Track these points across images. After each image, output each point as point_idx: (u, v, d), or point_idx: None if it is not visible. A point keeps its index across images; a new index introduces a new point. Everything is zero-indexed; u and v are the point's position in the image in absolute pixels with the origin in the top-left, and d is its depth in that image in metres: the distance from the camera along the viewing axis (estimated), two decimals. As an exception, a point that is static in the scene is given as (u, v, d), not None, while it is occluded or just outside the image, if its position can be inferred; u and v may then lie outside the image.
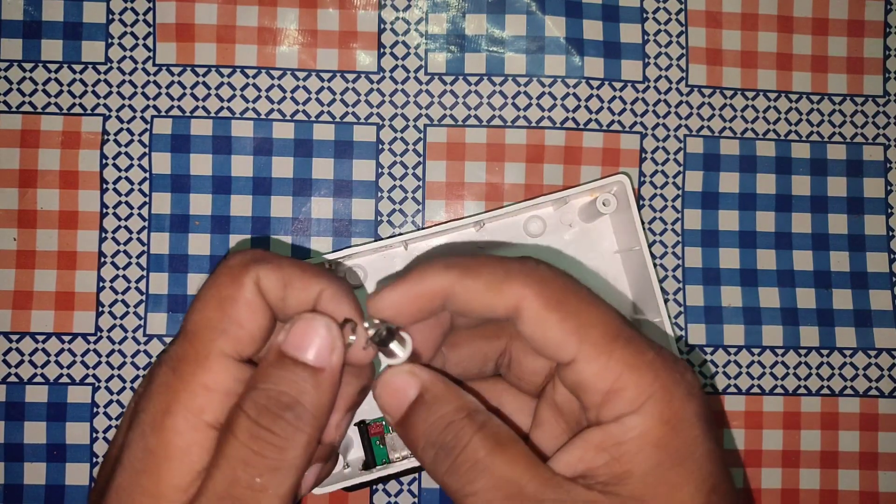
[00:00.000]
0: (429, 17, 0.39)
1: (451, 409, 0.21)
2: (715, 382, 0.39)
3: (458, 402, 0.21)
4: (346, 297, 0.22)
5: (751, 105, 0.40)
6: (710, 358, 0.39)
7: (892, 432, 0.39)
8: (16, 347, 0.37)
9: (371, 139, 0.39)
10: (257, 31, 0.39)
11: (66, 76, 0.38)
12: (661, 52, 0.40)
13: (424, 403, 0.22)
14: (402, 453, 0.35)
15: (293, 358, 0.20)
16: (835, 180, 0.40)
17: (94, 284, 0.38)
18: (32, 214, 0.38)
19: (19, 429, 0.37)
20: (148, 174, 0.38)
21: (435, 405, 0.22)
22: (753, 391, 0.39)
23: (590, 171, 0.39)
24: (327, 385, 0.21)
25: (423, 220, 0.39)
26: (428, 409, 0.22)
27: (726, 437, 0.39)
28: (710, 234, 0.40)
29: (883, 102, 0.41)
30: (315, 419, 0.20)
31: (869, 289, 0.40)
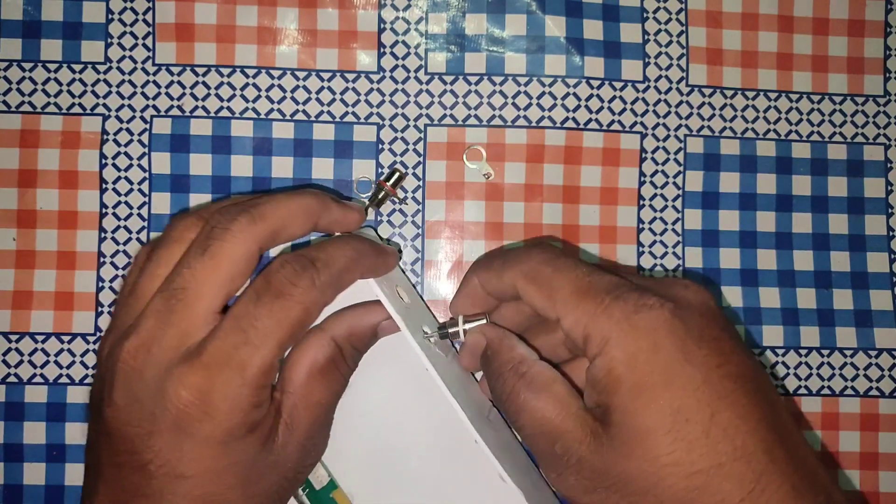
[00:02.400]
0: (429, 16, 0.39)
1: (503, 360, 0.28)
2: (715, 382, 0.39)
3: (509, 356, 0.28)
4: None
5: (751, 105, 0.40)
6: (711, 358, 0.39)
7: (892, 432, 0.39)
8: (15, 347, 0.37)
9: (371, 139, 0.39)
10: (257, 30, 0.39)
11: (66, 76, 0.38)
12: (661, 52, 0.40)
13: (486, 357, 0.29)
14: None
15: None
16: (835, 180, 0.40)
17: (94, 284, 0.38)
18: (32, 214, 0.38)
19: (19, 429, 0.37)
20: (147, 174, 0.38)
21: (493, 357, 0.28)
22: (754, 391, 0.39)
23: (590, 170, 0.39)
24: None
25: (423, 220, 0.39)
26: (489, 360, 0.28)
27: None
28: (711, 234, 0.40)
29: (883, 102, 0.41)
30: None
31: (869, 289, 0.40)
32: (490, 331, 0.30)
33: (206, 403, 0.24)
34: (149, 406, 0.25)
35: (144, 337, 0.25)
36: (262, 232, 0.26)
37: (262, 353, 0.25)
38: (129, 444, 0.25)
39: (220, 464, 0.25)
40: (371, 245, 0.29)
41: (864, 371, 0.39)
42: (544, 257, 0.27)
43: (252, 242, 0.26)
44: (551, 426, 0.25)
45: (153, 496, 0.25)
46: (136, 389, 0.25)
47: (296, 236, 0.28)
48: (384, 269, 0.30)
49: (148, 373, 0.25)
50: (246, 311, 0.25)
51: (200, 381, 0.24)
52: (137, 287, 0.27)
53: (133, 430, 0.25)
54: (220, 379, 0.24)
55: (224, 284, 0.26)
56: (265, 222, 0.26)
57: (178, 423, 0.24)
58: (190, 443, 0.25)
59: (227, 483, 0.25)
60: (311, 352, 0.28)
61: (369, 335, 0.30)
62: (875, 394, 0.39)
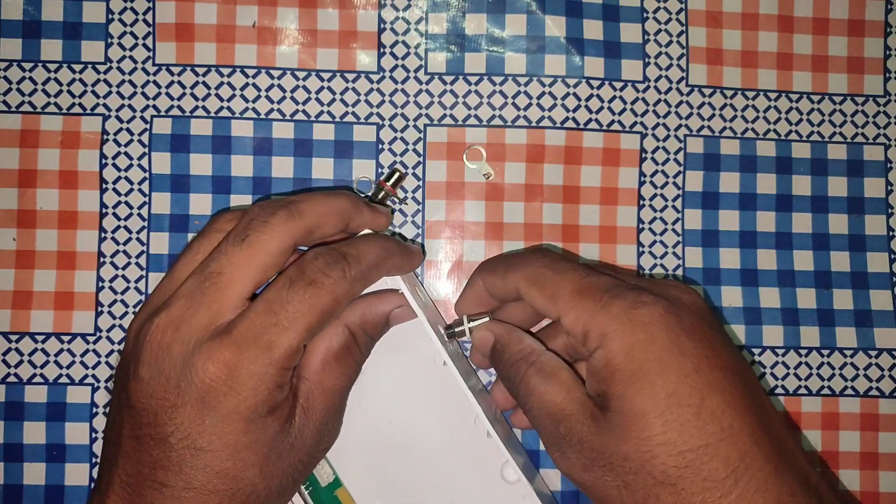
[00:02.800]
0: (429, 16, 0.39)
1: (513, 352, 0.30)
2: (715, 382, 0.39)
3: (518, 347, 0.30)
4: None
5: (751, 105, 0.40)
6: (711, 358, 0.39)
7: (892, 432, 0.39)
8: (15, 347, 0.37)
9: (371, 139, 0.39)
10: (257, 30, 0.39)
11: (66, 76, 0.38)
12: (661, 52, 0.40)
13: (496, 350, 0.31)
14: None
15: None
16: (835, 180, 0.40)
17: (94, 284, 0.38)
18: (32, 214, 0.38)
19: (19, 429, 0.37)
20: (147, 174, 0.38)
21: (503, 350, 0.31)
22: (754, 391, 0.39)
23: (590, 170, 0.39)
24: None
25: (423, 220, 0.39)
26: (499, 353, 0.31)
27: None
28: (711, 234, 0.40)
29: (883, 102, 0.41)
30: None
31: (869, 289, 0.40)
32: (497, 327, 0.32)
33: (232, 378, 0.25)
34: (174, 380, 0.26)
35: (175, 315, 0.26)
36: (298, 228, 0.28)
37: (291, 335, 0.26)
38: (152, 417, 0.26)
39: (241, 441, 0.26)
40: (398, 244, 0.31)
41: (864, 371, 0.39)
42: (545, 261, 0.30)
43: (288, 237, 0.27)
44: (557, 408, 0.28)
45: (172, 468, 0.26)
46: (162, 364, 0.26)
47: (328, 235, 0.30)
48: (409, 266, 0.32)
49: (176, 348, 0.26)
50: (278, 295, 0.27)
51: (229, 356, 0.25)
52: (174, 271, 0.29)
53: (157, 402, 0.26)
54: (247, 355, 0.25)
55: (257, 273, 0.27)
56: (302, 219, 0.28)
57: (203, 396, 0.25)
58: (213, 417, 0.25)
59: (246, 460, 0.26)
60: (327, 339, 0.29)
61: (382, 322, 0.31)
62: (875, 394, 0.39)
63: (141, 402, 0.26)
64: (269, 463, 0.27)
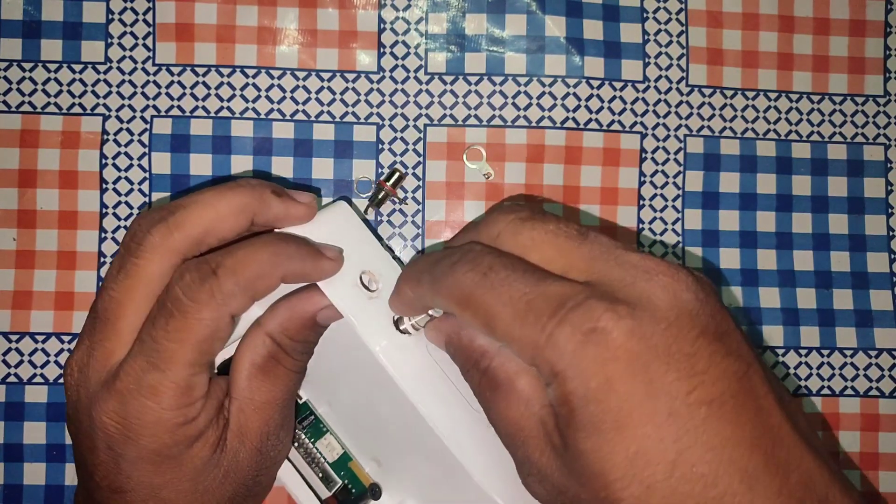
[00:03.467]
0: (429, 16, 0.39)
1: (464, 358, 0.25)
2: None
3: (468, 351, 0.24)
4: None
5: (751, 105, 0.40)
6: (711, 358, 0.39)
7: (892, 432, 0.39)
8: (15, 347, 0.37)
9: (371, 139, 0.39)
10: (257, 30, 0.39)
11: (66, 76, 0.38)
12: (661, 52, 0.40)
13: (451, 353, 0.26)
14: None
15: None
16: (835, 180, 0.40)
17: (94, 284, 0.38)
18: (32, 214, 0.38)
19: (19, 429, 0.37)
20: (148, 174, 0.38)
21: (454, 356, 0.25)
22: (754, 391, 0.39)
23: (590, 170, 0.39)
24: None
25: (423, 220, 0.39)
26: (452, 357, 0.25)
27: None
28: (711, 234, 0.40)
29: (883, 102, 0.41)
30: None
31: (869, 289, 0.40)
32: (445, 325, 0.26)
33: (126, 428, 0.24)
34: (86, 425, 0.25)
35: (78, 357, 0.25)
36: (181, 242, 0.24)
37: (171, 376, 0.24)
38: (81, 455, 0.26)
39: (155, 481, 0.25)
40: (300, 248, 0.25)
41: (864, 371, 0.39)
42: (474, 277, 0.23)
43: (170, 255, 0.24)
44: (513, 428, 0.23)
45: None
46: (77, 407, 0.25)
47: (227, 238, 0.25)
48: (318, 275, 0.26)
49: (82, 393, 0.25)
50: (147, 334, 0.24)
51: (117, 408, 0.24)
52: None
53: (80, 443, 0.26)
54: (133, 406, 0.24)
55: (142, 302, 0.24)
56: (183, 231, 0.24)
57: (108, 443, 0.25)
58: (123, 461, 0.25)
59: (167, 499, 0.25)
60: (249, 352, 0.26)
61: (308, 326, 0.27)
62: (875, 394, 0.39)
63: (75, 437, 0.26)
64: (199, 494, 0.26)
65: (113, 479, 0.25)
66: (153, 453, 0.25)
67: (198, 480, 0.26)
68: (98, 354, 0.25)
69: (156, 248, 0.24)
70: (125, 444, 0.24)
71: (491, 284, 0.22)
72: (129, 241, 0.25)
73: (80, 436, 0.26)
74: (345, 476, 0.33)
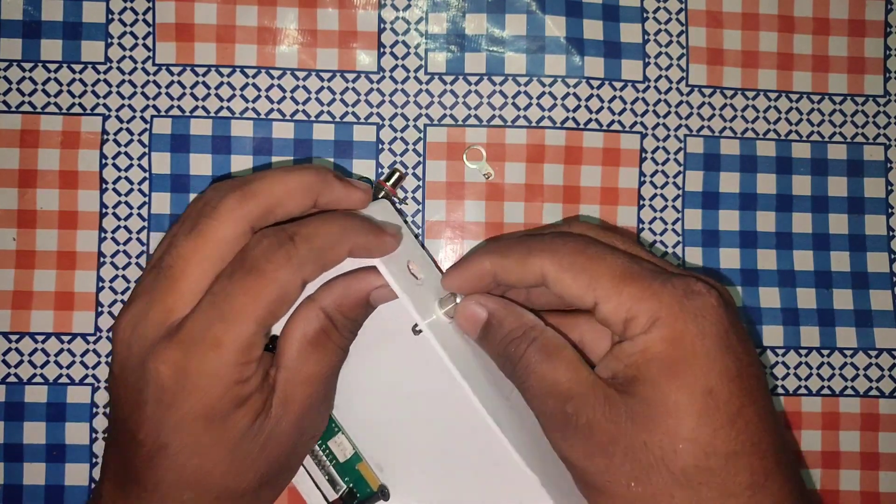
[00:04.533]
0: (429, 16, 0.39)
1: (512, 328, 0.27)
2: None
3: (517, 323, 0.27)
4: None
5: (751, 105, 0.40)
6: (711, 358, 0.39)
7: (892, 432, 0.39)
8: (15, 347, 0.37)
9: (371, 139, 0.39)
10: (257, 30, 0.39)
11: (66, 76, 0.38)
12: (661, 52, 0.40)
13: (491, 325, 0.28)
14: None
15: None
16: (835, 180, 0.40)
17: (94, 284, 0.38)
18: (32, 214, 0.38)
19: (19, 429, 0.37)
20: (147, 174, 0.38)
21: (500, 327, 0.28)
22: (754, 391, 0.39)
23: (590, 170, 0.39)
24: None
25: (423, 220, 0.39)
26: (494, 330, 0.28)
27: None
28: (711, 234, 0.40)
29: (883, 102, 0.41)
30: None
31: (869, 289, 0.40)
32: (491, 301, 0.29)
33: (184, 379, 0.25)
34: (135, 379, 0.25)
35: (134, 312, 0.26)
36: (253, 211, 0.26)
37: (238, 330, 0.25)
38: (127, 413, 0.26)
39: (203, 439, 0.25)
40: (365, 224, 0.28)
41: (864, 371, 0.39)
42: (576, 246, 0.27)
43: (242, 221, 0.26)
44: (563, 388, 0.25)
45: (143, 465, 0.25)
46: (126, 362, 0.26)
47: (293, 213, 0.27)
48: (380, 250, 0.28)
49: (135, 347, 0.25)
50: (221, 288, 0.25)
51: (178, 358, 0.24)
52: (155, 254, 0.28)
53: (126, 399, 0.26)
54: (195, 356, 0.24)
55: (210, 264, 0.25)
56: (256, 200, 0.26)
57: (159, 397, 0.25)
58: (172, 416, 0.25)
59: (213, 458, 0.26)
60: (302, 324, 0.27)
61: (361, 304, 0.28)
62: (875, 394, 0.39)
63: (117, 397, 0.26)
64: (240, 459, 0.26)
65: (158, 435, 0.25)
66: (205, 407, 0.25)
67: (238, 446, 0.26)
68: (158, 309, 0.25)
69: (230, 213, 0.25)
70: (178, 396, 0.25)
71: (591, 254, 0.26)
72: (203, 205, 0.26)
73: (126, 393, 0.26)
74: (353, 477, 0.33)
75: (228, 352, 0.25)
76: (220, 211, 0.25)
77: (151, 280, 0.26)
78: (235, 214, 0.25)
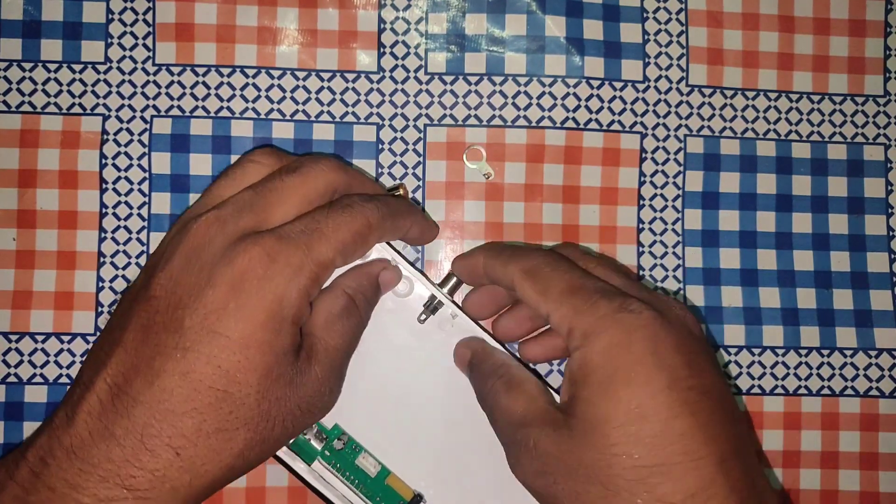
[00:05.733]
0: (429, 16, 0.39)
1: (486, 367, 0.31)
2: (715, 383, 0.39)
3: (490, 362, 0.31)
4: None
5: (751, 105, 0.40)
6: (711, 358, 0.39)
7: (892, 432, 0.39)
8: (15, 347, 0.37)
9: (371, 139, 0.39)
10: (257, 30, 0.39)
11: (66, 76, 0.38)
12: (661, 52, 0.40)
13: (474, 364, 0.32)
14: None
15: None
16: (835, 180, 0.40)
17: (94, 284, 0.38)
18: (32, 214, 0.38)
19: (19, 429, 0.37)
20: (147, 174, 0.38)
21: (480, 364, 0.32)
22: (754, 391, 0.39)
23: (590, 170, 0.39)
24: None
25: (423, 220, 0.39)
26: (475, 367, 0.32)
27: (726, 437, 0.39)
28: (711, 234, 0.40)
29: (883, 102, 0.41)
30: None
31: (869, 289, 0.40)
32: (474, 343, 0.33)
33: (271, 262, 0.26)
34: (209, 266, 0.26)
35: (224, 214, 0.27)
36: (342, 176, 0.30)
37: (329, 243, 0.28)
38: (174, 302, 0.26)
39: (255, 335, 0.26)
40: (422, 212, 0.36)
41: (864, 371, 0.39)
42: (545, 258, 0.30)
43: (334, 179, 0.30)
44: (517, 416, 0.28)
45: (175, 354, 0.25)
46: (201, 252, 0.27)
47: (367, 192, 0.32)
48: (429, 235, 0.35)
49: (219, 240, 0.27)
50: (321, 212, 0.29)
51: (272, 243, 0.26)
52: (212, 189, 0.30)
53: (183, 288, 0.26)
54: (289, 246, 0.27)
55: (303, 200, 0.29)
56: (346, 172, 0.31)
57: (237, 280, 0.26)
58: (239, 301, 0.26)
59: (251, 361, 0.26)
60: (329, 301, 0.30)
61: (374, 284, 0.32)
62: (875, 394, 0.39)
63: (165, 289, 0.26)
64: (269, 380, 0.26)
65: (214, 320, 0.25)
66: (276, 300, 0.26)
67: (276, 362, 0.26)
68: (251, 217, 0.28)
69: (328, 169, 0.30)
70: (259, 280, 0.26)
71: (556, 266, 0.29)
72: (304, 159, 0.30)
73: (180, 285, 0.26)
74: (385, 495, 0.33)
75: (316, 256, 0.27)
76: (322, 165, 0.30)
77: (248, 195, 0.28)
78: (331, 173, 0.30)
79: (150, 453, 0.24)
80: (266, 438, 0.27)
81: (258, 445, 0.27)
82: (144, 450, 0.24)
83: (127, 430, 0.24)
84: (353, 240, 0.29)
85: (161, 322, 0.26)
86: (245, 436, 0.26)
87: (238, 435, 0.26)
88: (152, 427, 0.24)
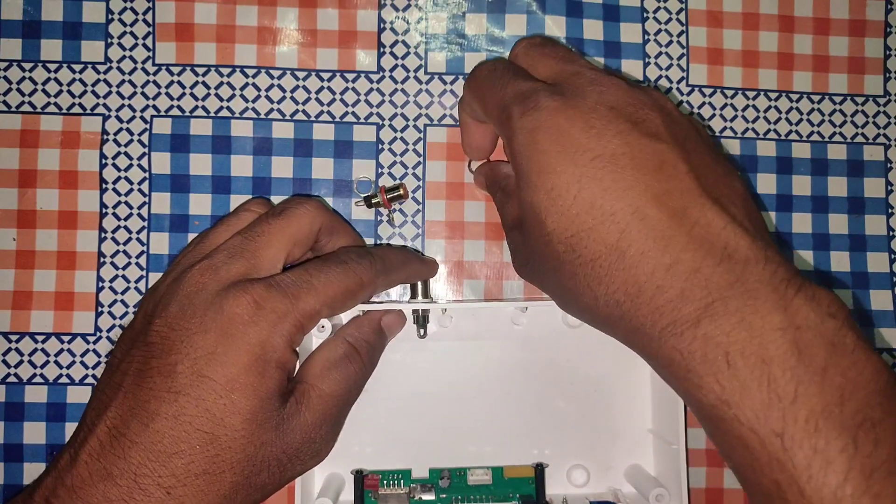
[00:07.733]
0: (429, 16, 0.39)
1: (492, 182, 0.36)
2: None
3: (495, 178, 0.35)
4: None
5: (751, 105, 0.40)
6: (711, 358, 0.39)
7: (892, 432, 0.39)
8: (15, 348, 0.37)
9: (371, 139, 0.39)
10: (257, 30, 0.39)
11: (66, 76, 0.38)
12: (661, 52, 0.40)
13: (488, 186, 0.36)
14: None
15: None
16: (835, 180, 0.40)
17: (94, 285, 0.38)
18: (32, 214, 0.38)
19: (19, 429, 0.37)
20: (147, 174, 0.38)
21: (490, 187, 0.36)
22: (754, 391, 0.39)
23: (590, 170, 0.39)
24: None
25: (423, 220, 0.39)
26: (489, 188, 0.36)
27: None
28: (711, 234, 0.40)
29: (883, 102, 0.41)
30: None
31: (869, 289, 0.40)
32: (484, 167, 0.37)
33: (258, 310, 0.27)
34: (201, 311, 0.27)
35: (215, 262, 0.29)
36: (325, 217, 0.32)
37: (317, 295, 0.28)
38: (167, 347, 0.27)
39: (240, 379, 0.26)
40: (416, 254, 0.37)
41: (864, 371, 0.39)
42: (484, 74, 0.32)
43: (319, 219, 0.31)
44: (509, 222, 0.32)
45: (168, 397, 0.26)
46: (194, 299, 0.28)
47: (338, 245, 0.34)
48: (428, 273, 0.37)
49: (211, 286, 0.28)
50: (314, 265, 0.30)
51: (261, 291, 0.27)
52: (207, 236, 0.31)
53: (177, 333, 0.27)
54: (276, 295, 0.28)
55: (290, 242, 0.30)
56: (328, 213, 0.32)
57: (226, 326, 0.27)
58: (226, 346, 0.27)
59: (236, 404, 0.26)
60: (327, 350, 0.31)
61: (376, 328, 0.34)
62: (875, 394, 0.39)
63: (160, 335, 0.27)
64: (255, 424, 0.27)
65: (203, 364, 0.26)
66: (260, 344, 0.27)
67: (262, 406, 0.27)
68: (242, 264, 0.29)
69: (312, 211, 0.31)
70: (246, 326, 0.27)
71: (491, 79, 0.31)
72: (289, 202, 0.32)
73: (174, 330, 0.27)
74: (511, 485, 0.34)
75: (302, 307, 0.28)
76: (306, 207, 0.31)
77: (238, 241, 0.30)
78: (315, 214, 0.31)
79: (143, 492, 0.25)
80: (252, 483, 0.27)
81: (244, 490, 0.27)
82: (138, 489, 0.25)
83: (123, 471, 0.25)
84: (342, 295, 0.30)
85: (156, 367, 0.27)
86: (231, 479, 0.27)
87: (224, 478, 0.26)
88: (146, 467, 0.25)
